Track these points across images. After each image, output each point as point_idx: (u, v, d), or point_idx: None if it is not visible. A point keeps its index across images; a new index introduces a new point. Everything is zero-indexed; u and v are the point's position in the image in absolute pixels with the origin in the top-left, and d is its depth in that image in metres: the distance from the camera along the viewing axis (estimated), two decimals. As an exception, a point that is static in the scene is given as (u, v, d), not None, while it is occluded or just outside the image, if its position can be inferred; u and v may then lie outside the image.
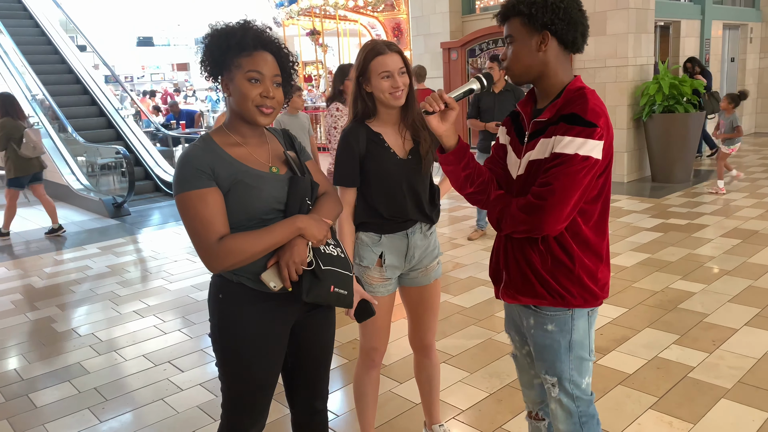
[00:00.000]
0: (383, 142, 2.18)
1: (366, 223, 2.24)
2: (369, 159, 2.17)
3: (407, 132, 2.22)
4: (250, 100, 1.69)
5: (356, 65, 2.17)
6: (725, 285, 4.33)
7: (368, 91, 2.16)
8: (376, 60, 2.11)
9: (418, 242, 2.27)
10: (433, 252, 2.34)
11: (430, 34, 10.07)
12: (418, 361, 2.55)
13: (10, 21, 11.48)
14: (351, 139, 2.17)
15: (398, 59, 2.12)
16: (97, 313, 4.52)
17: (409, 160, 2.20)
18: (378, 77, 2.11)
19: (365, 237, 2.25)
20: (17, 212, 7.31)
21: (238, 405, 1.85)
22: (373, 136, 2.18)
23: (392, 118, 2.21)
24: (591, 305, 1.78)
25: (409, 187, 2.20)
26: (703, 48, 10.34)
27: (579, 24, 1.67)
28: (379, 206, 2.20)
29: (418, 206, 2.23)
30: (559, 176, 1.60)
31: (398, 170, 2.18)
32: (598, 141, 1.59)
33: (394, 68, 2.10)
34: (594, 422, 1.86)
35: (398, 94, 2.12)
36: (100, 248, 6.44)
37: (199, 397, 3.18)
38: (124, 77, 22.16)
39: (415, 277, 2.34)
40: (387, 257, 2.24)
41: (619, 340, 3.55)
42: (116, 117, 10.54)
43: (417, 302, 2.40)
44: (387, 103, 2.14)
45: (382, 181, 2.18)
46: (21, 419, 3.06)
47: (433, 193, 2.30)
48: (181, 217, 1.68)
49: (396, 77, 2.10)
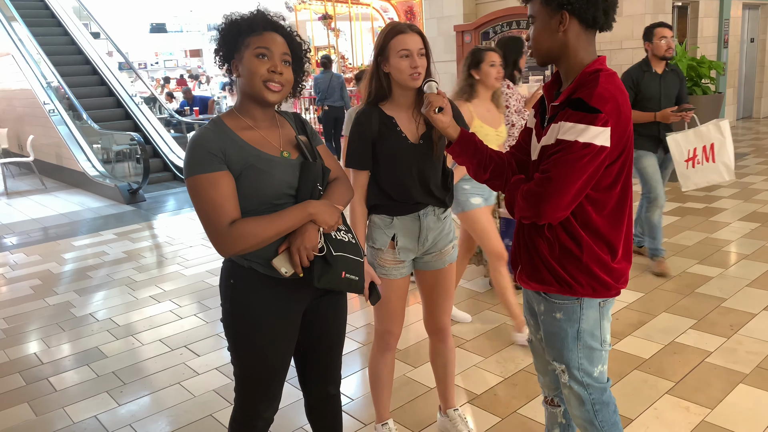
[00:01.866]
0: (395, 126, 2.17)
1: (378, 206, 2.23)
2: (380, 142, 2.16)
3: (421, 117, 2.19)
4: (258, 76, 1.67)
5: (376, 44, 2.16)
6: (743, 269, 4.28)
7: (386, 72, 2.14)
8: (397, 38, 2.09)
9: (431, 225, 2.26)
10: (447, 236, 2.33)
11: (443, 17, 9.95)
12: (434, 345, 2.55)
13: (24, 10, 11.52)
14: (363, 121, 2.16)
15: (419, 40, 2.11)
16: (114, 298, 4.57)
17: (421, 145, 2.18)
18: (397, 56, 2.09)
19: (377, 219, 2.24)
20: (34, 199, 7.38)
21: (250, 389, 1.86)
22: (386, 119, 2.17)
23: (407, 101, 2.19)
24: (601, 296, 1.74)
25: (419, 172, 2.18)
26: (722, 28, 10.14)
27: (599, 1, 1.61)
28: (389, 189, 2.20)
29: (428, 191, 2.22)
30: (557, 164, 1.57)
31: (408, 155, 2.16)
32: (603, 128, 1.54)
33: (414, 48, 2.08)
34: (609, 410, 1.84)
35: (416, 75, 2.09)
36: (117, 234, 6.49)
37: (215, 381, 3.21)
38: (137, 64, 22.22)
39: (430, 261, 2.33)
40: (399, 239, 2.23)
41: (635, 324, 3.53)
42: (132, 105, 10.58)
43: (432, 286, 2.39)
44: (404, 84, 2.12)
45: (391, 165, 2.17)
46: (41, 402, 3.12)
47: (446, 177, 2.28)
48: (191, 200, 1.67)
49: (415, 57, 2.08)
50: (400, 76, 2.11)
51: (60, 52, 11.11)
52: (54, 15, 12.13)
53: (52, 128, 9.65)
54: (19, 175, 10.86)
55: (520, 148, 1.91)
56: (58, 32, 11.82)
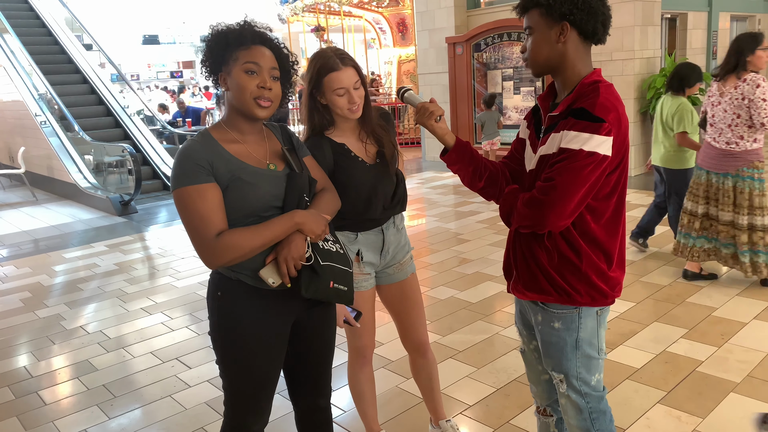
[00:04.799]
0: (349, 152, 2.17)
1: (341, 225, 2.21)
2: (339, 171, 2.14)
3: (368, 137, 2.21)
4: (248, 92, 1.68)
5: (308, 78, 2.11)
6: (734, 279, 4.30)
7: (323, 104, 2.13)
8: (330, 77, 2.05)
9: (391, 237, 2.28)
10: (404, 247, 2.36)
11: (435, 29, 10.02)
12: (414, 361, 2.53)
13: (16, 21, 11.52)
14: (317, 154, 2.09)
15: (352, 73, 2.07)
16: (105, 310, 4.54)
17: (378, 164, 2.19)
18: (333, 94, 2.06)
19: (341, 237, 2.22)
20: (25, 211, 7.34)
21: (239, 402, 1.85)
22: (338, 147, 2.16)
23: (351, 125, 2.19)
24: (599, 304, 1.75)
25: (380, 190, 2.19)
26: (711, 40, 10.25)
27: (599, 13, 1.64)
28: (353, 210, 2.17)
29: (389, 204, 2.24)
30: (562, 172, 1.58)
31: (368, 176, 2.17)
32: (606, 137, 1.56)
33: (348, 84, 2.05)
34: (606, 418, 1.84)
35: (355, 108, 2.09)
36: (108, 246, 6.46)
37: (206, 393, 3.19)
38: (130, 75, 22.21)
39: (392, 273, 2.35)
40: (364, 254, 2.25)
41: (626, 334, 3.54)
42: (123, 116, 10.57)
43: (399, 299, 2.39)
44: (345, 117, 2.13)
45: (352, 189, 2.14)
46: (30, 416, 3.09)
47: (399, 182, 2.27)
48: (178, 212, 1.67)
49: (351, 93, 2.06)
50: (339, 112, 2.11)
51: (52, 62, 11.09)
52: (45, 26, 12.12)
53: (44, 140, 9.62)
54: (9, 187, 10.80)
55: (512, 158, 1.92)
56: (49, 42, 11.81)
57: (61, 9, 12.70)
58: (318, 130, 2.17)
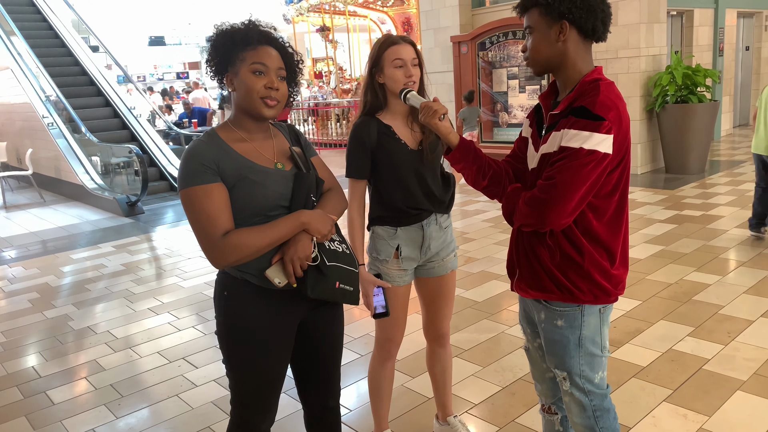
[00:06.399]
0: (394, 134, 2.21)
1: (381, 217, 2.26)
2: (381, 151, 2.20)
3: (415, 124, 2.24)
4: (255, 92, 1.69)
5: (370, 56, 2.21)
6: (740, 276, 4.29)
7: (380, 83, 2.19)
8: (390, 49, 2.15)
9: (433, 234, 2.29)
10: (449, 246, 2.37)
11: (439, 28, 10.02)
12: (432, 351, 2.56)
13: (23, 23, 11.59)
14: (362, 132, 2.20)
15: (411, 50, 2.17)
16: (112, 310, 4.57)
17: (420, 150, 2.22)
18: (391, 66, 2.14)
19: (381, 231, 2.27)
20: (32, 212, 7.39)
21: (246, 401, 1.86)
22: (384, 128, 2.21)
23: (403, 109, 2.23)
24: (602, 302, 1.76)
25: (421, 177, 2.22)
26: (717, 37, 10.20)
27: (598, 11, 1.64)
28: (393, 197, 2.23)
29: (429, 196, 2.25)
30: (562, 170, 1.59)
31: (409, 160, 2.20)
32: (606, 135, 1.57)
33: (407, 57, 2.15)
34: (609, 416, 1.84)
35: (410, 83, 2.14)
36: (115, 246, 6.50)
37: (213, 392, 3.21)
38: (136, 77, 22.30)
39: (432, 268, 2.36)
40: (403, 249, 2.26)
41: (632, 332, 3.53)
42: (130, 118, 10.62)
43: (434, 292, 2.41)
44: (397, 96, 2.15)
45: (394, 172, 2.21)
46: (39, 416, 3.11)
47: (446, 179, 2.32)
48: (185, 212, 1.68)
49: (409, 66, 2.14)
50: (395, 86, 2.15)
51: (59, 64, 11.15)
52: (52, 28, 12.19)
53: (51, 141, 9.68)
54: (17, 188, 10.87)
55: (515, 157, 1.93)
56: (56, 44, 11.87)
57: (68, 11, 12.76)
58: (370, 110, 2.23)
